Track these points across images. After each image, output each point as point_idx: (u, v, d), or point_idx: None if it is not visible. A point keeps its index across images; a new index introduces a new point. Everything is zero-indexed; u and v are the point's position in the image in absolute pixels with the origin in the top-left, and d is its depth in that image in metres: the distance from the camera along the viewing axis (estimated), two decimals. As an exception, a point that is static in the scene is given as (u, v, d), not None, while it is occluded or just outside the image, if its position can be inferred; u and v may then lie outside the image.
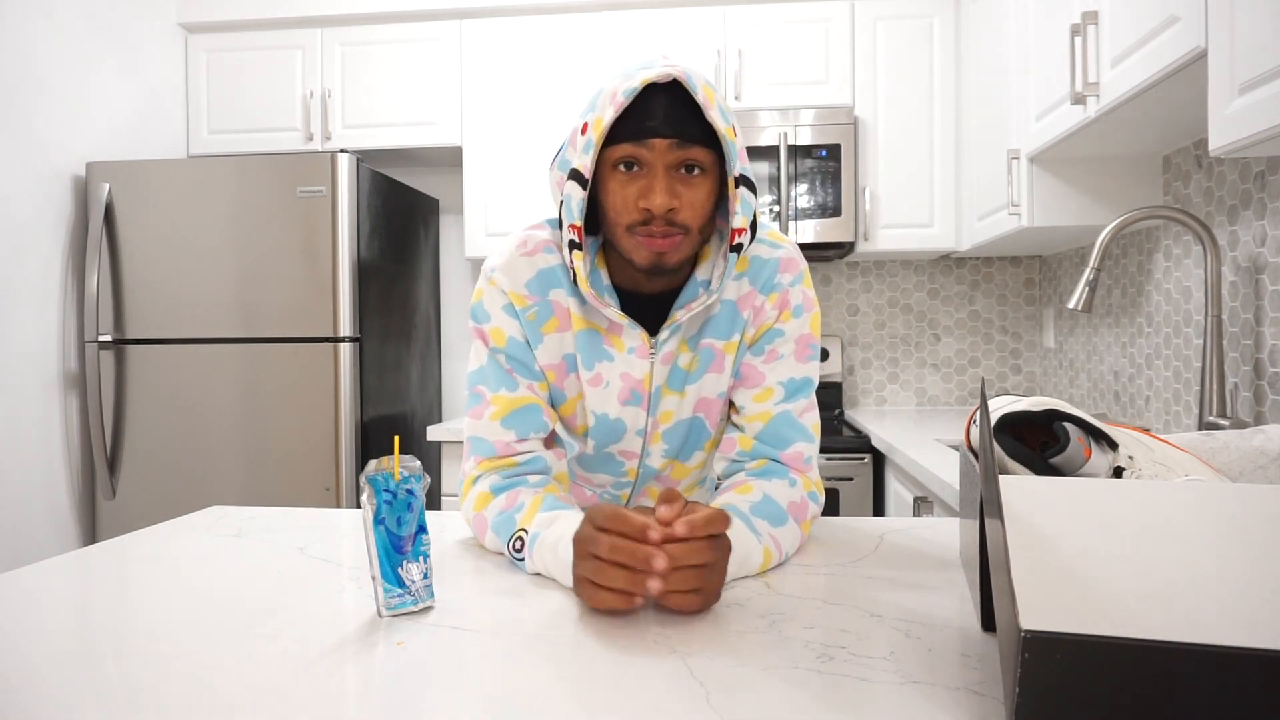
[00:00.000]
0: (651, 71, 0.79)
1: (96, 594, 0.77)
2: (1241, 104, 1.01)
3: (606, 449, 1.00)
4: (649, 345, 0.92)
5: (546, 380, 0.95)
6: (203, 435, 2.24)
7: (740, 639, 0.63)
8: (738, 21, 2.53)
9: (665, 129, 0.79)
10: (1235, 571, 0.48)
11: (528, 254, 0.92)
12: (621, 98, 0.79)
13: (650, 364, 0.93)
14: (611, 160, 0.82)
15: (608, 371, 0.93)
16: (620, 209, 0.83)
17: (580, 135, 0.83)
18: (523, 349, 0.93)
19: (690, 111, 0.80)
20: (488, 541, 0.88)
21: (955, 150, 2.47)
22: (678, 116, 0.80)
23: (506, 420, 0.92)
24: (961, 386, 2.79)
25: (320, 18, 2.64)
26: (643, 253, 0.83)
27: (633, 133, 0.80)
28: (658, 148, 0.80)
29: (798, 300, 0.94)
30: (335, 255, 2.20)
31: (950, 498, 1.43)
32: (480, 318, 0.94)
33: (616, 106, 0.79)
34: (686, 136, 0.80)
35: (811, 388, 0.96)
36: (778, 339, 0.94)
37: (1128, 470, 0.67)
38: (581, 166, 0.82)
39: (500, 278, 0.92)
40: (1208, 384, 1.48)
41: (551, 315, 0.92)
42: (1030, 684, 0.45)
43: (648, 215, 0.81)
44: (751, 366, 0.95)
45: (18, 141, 2.08)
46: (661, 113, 0.79)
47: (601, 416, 0.96)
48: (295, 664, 0.59)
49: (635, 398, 0.95)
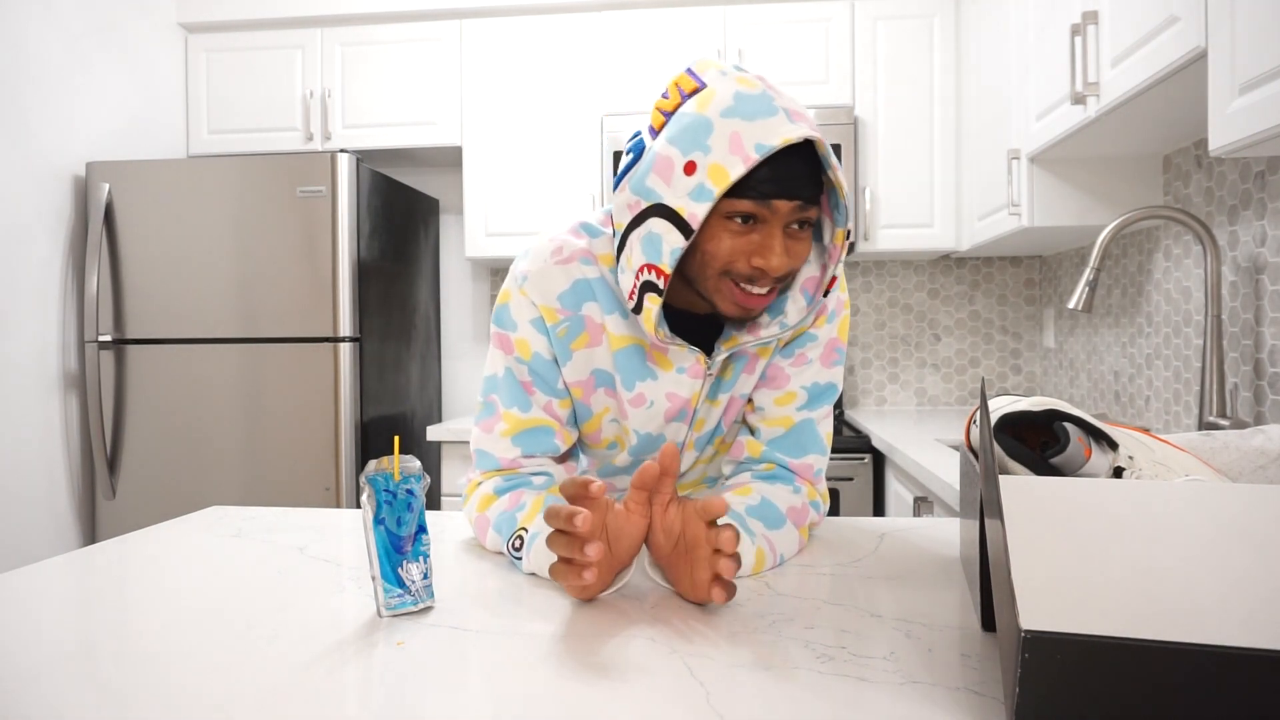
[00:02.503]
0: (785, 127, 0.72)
1: (96, 594, 0.77)
2: (1241, 104, 1.01)
3: (642, 457, 0.98)
4: (705, 365, 0.88)
5: (570, 397, 0.92)
6: (203, 435, 2.24)
7: (740, 639, 0.63)
8: (738, 21, 2.53)
9: (794, 192, 0.75)
10: (1235, 571, 0.48)
11: (563, 262, 0.88)
12: (755, 155, 0.72)
13: (701, 383, 0.90)
14: (724, 210, 0.76)
15: (651, 391, 0.90)
16: (728, 260, 0.77)
17: (683, 174, 0.74)
18: (548, 366, 0.90)
19: (811, 168, 0.75)
20: (489, 542, 0.88)
21: (955, 150, 2.47)
22: (804, 178, 0.75)
23: (516, 439, 0.90)
24: (961, 386, 2.79)
25: (320, 18, 2.64)
26: (736, 306, 0.79)
27: (762, 193, 0.74)
28: (781, 210, 0.75)
29: (833, 305, 0.92)
30: (335, 255, 2.20)
31: (950, 498, 1.43)
32: (505, 324, 0.90)
33: (747, 163, 0.72)
34: (810, 199, 0.76)
35: (835, 394, 0.94)
36: (809, 343, 0.92)
37: (1128, 470, 0.67)
38: (685, 213, 0.74)
39: (532, 288, 0.88)
40: (1208, 384, 1.48)
41: (583, 330, 0.89)
42: (1030, 684, 0.45)
43: (760, 274, 0.77)
44: (778, 369, 0.93)
45: (17, 141, 2.08)
46: (789, 173, 0.74)
47: (644, 436, 0.94)
48: (295, 664, 0.59)
49: (681, 415, 0.93)
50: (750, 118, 0.73)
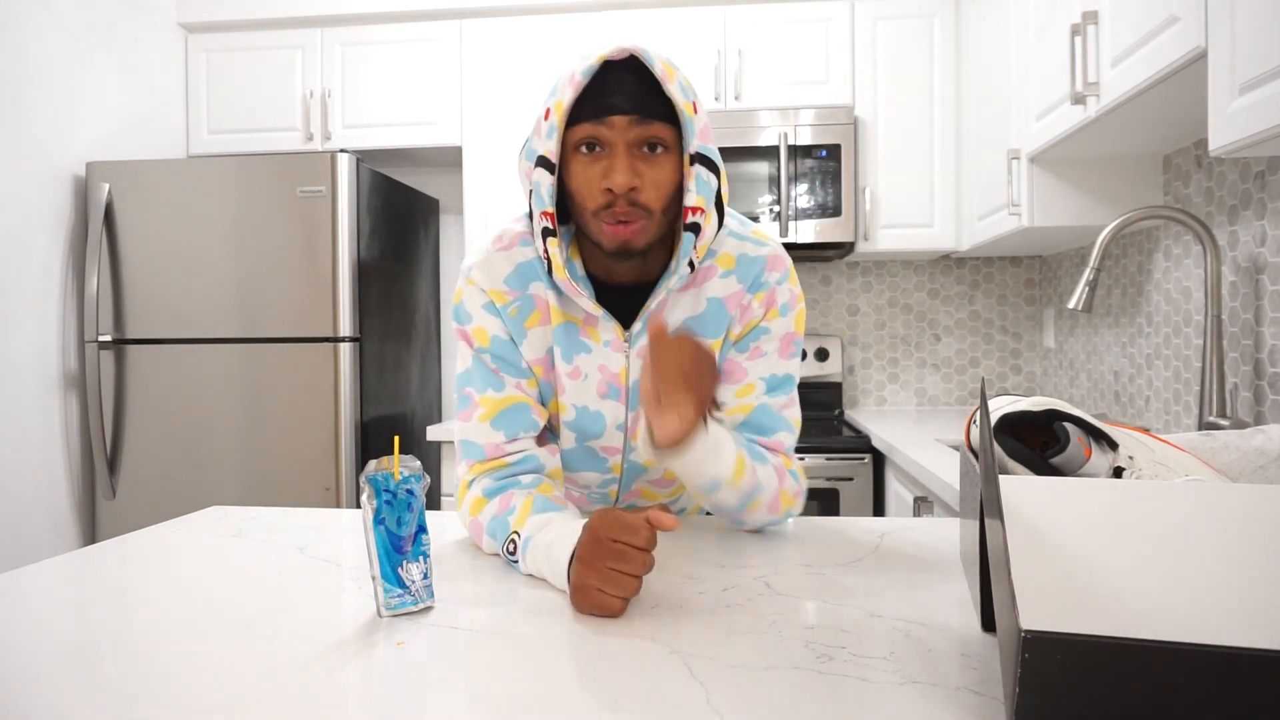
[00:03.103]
0: (608, 49, 0.79)
1: (96, 594, 0.77)
2: (1241, 104, 1.01)
3: (588, 443, 0.99)
4: (623, 338, 0.91)
5: (535, 376, 0.95)
6: (203, 435, 2.24)
7: (740, 639, 0.63)
8: (738, 21, 2.53)
9: (624, 105, 0.78)
10: (1235, 571, 0.48)
11: (504, 249, 0.91)
12: (580, 77, 0.78)
13: (625, 357, 0.92)
14: (574, 142, 0.81)
15: (586, 364, 0.92)
16: (584, 192, 0.82)
17: (544, 121, 0.82)
18: (507, 347, 0.92)
19: (650, 88, 0.79)
20: (484, 545, 0.88)
21: (955, 150, 2.47)
22: (637, 92, 0.79)
23: (495, 421, 0.91)
24: (961, 386, 2.79)
25: (320, 18, 2.64)
26: (608, 236, 0.82)
27: (593, 111, 0.79)
28: (618, 125, 0.79)
29: (785, 298, 0.94)
30: (335, 255, 2.20)
31: (950, 498, 1.43)
32: (462, 318, 0.93)
33: (575, 87, 0.78)
34: (646, 112, 0.79)
35: (793, 384, 0.97)
36: (763, 336, 0.94)
37: (1128, 470, 0.67)
38: (547, 151, 0.81)
39: (478, 275, 0.91)
40: (1208, 384, 1.48)
41: (534, 309, 0.92)
42: (1030, 684, 0.45)
43: (610, 197, 0.80)
44: (735, 363, 0.95)
45: (17, 141, 2.08)
46: (620, 89, 0.78)
47: (581, 409, 0.95)
48: (295, 664, 0.59)
49: (613, 391, 0.94)
50: (587, 56, 0.80)
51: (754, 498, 0.89)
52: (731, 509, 0.90)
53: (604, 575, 0.68)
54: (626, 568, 0.67)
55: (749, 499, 0.89)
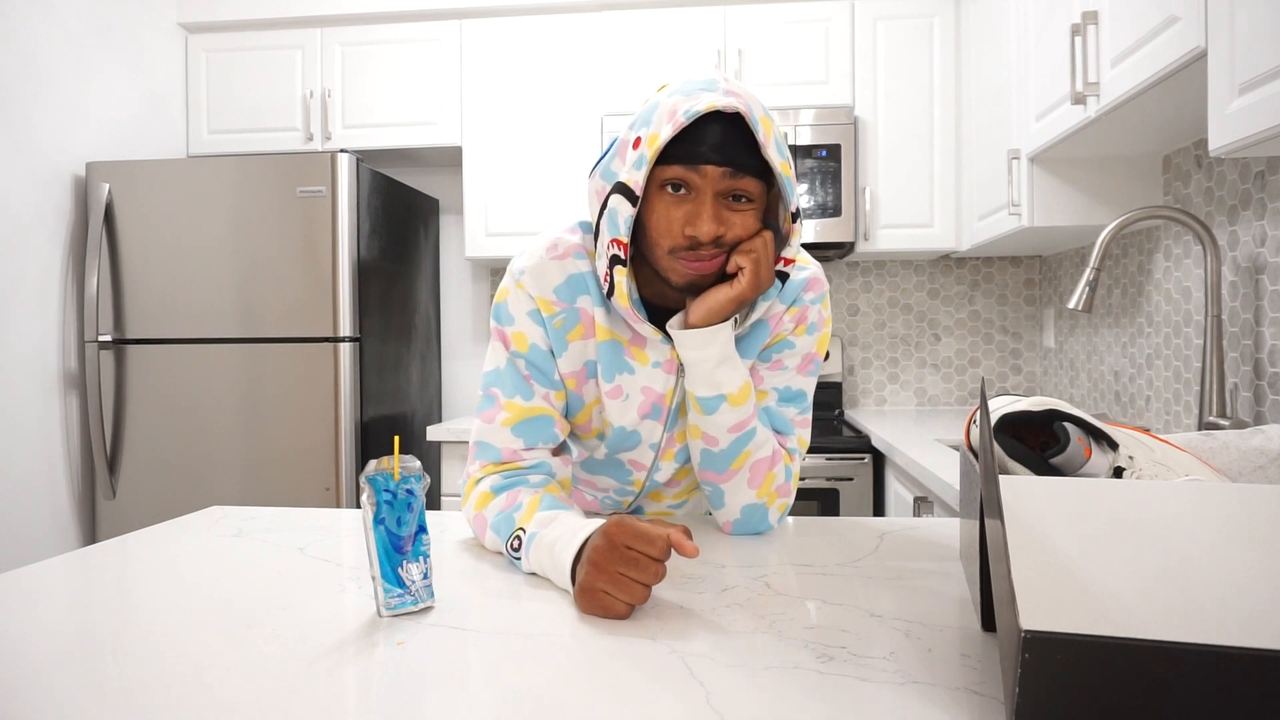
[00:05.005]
0: (716, 98, 0.77)
1: (96, 594, 0.77)
2: (1241, 104, 1.01)
3: (618, 455, 1.00)
4: (677, 360, 0.92)
5: (565, 389, 0.95)
6: (203, 435, 2.24)
7: (740, 639, 0.63)
8: (738, 21, 2.53)
9: (720, 158, 0.78)
10: (1235, 571, 0.48)
11: (558, 258, 0.91)
12: (682, 118, 0.77)
13: (676, 380, 0.93)
14: (660, 179, 0.80)
15: (628, 384, 0.93)
16: (663, 229, 0.81)
17: (631, 149, 0.81)
18: (544, 357, 0.92)
19: (745, 142, 0.79)
20: (488, 541, 0.88)
21: (955, 150, 2.47)
22: (734, 147, 0.78)
23: (517, 428, 0.91)
24: (961, 386, 2.79)
25: (320, 18, 2.64)
26: (680, 273, 0.83)
27: (687, 156, 0.78)
28: (710, 175, 0.79)
29: (814, 318, 0.95)
30: (335, 255, 2.20)
31: (950, 498, 1.43)
32: (503, 319, 0.93)
33: (675, 126, 0.77)
34: (739, 166, 0.79)
35: (805, 400, 0.97)
36: (787, 350, 0.95)
37: (1128, 470, 0.67)
38: (631, 182, 0.80)
39: (529, 281, 0.91)
40: (1208, 384, 1.48)
41: (578, 323, 0.91)
42: (1030, 684, 0.45)
43: (693, 241, 0.80)
44: (754, 371, 0.96)
45: (17, 142, 2.08)
46: (718, 141, 0.78)
47: (619, 429, 0.96)
48: (295, 664, 0.59)
49: (655, 411, 0.95)
50: (689, 93, 0.79)
51: (745, 445, 0.90)
52: (722, 452, 0.91)
53: (614, 579, 0.68)
54: (638, 575, 0.67)
55: (740, 445, 0.90)
